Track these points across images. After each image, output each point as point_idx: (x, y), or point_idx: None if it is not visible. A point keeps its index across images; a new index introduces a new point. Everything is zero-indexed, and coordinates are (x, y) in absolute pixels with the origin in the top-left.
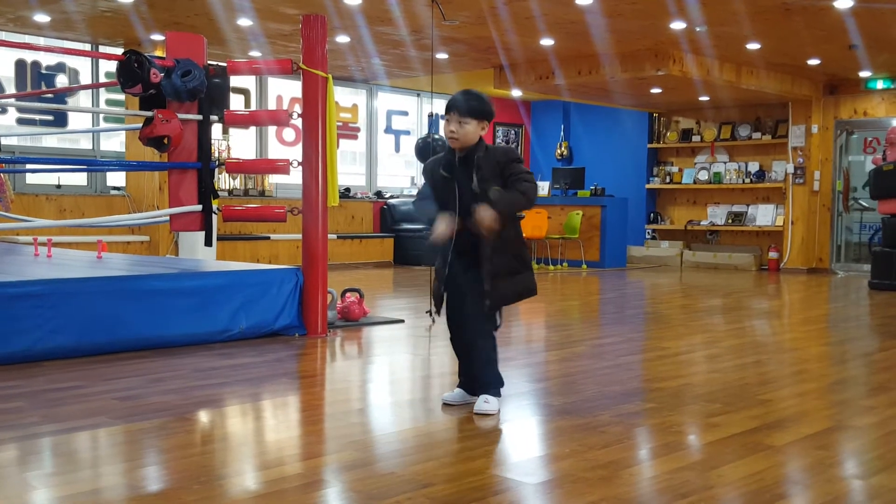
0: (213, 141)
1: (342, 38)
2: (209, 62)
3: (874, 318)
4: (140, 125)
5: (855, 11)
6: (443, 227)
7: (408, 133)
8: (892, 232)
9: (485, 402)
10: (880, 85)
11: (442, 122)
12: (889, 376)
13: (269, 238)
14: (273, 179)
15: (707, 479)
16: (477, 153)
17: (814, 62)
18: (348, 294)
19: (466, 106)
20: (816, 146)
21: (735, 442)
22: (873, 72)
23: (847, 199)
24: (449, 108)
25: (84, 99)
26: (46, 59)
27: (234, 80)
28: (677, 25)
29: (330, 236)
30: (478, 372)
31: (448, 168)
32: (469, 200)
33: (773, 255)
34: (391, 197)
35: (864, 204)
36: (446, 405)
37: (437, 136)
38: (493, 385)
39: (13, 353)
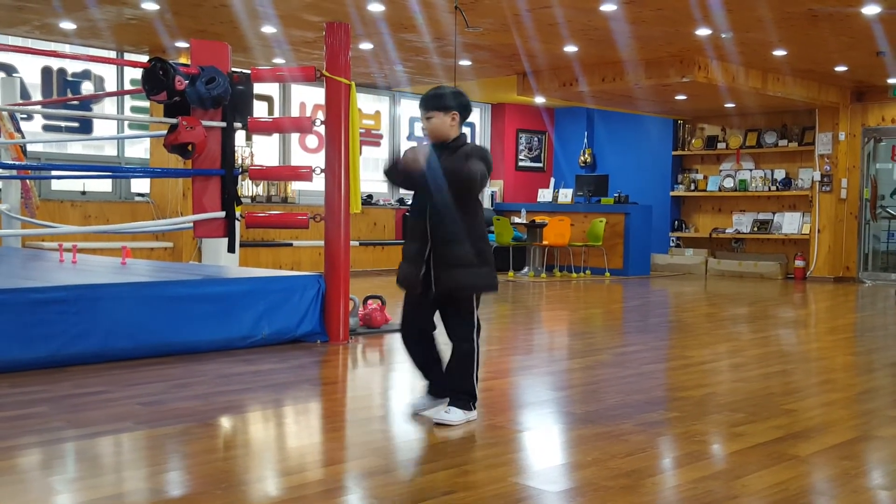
0: (236, 148)
1: (365, 46)
2: (233, 69)
3: None
4: (164, 132)
5: (882, 18)
6: (416, 154)
7: None
8: None
9: (445, 413)
10: None
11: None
12: None
13: (291, 245)
14: (296, 186)
15: (731, 488)
16: (454, 143)
17: (841, 69)
18: (370, 301)
19: (428, 101)
20: (843, 154)
21: (759, 452)
22: None
23: (875, 207)
24: (419, 108)
25: (109, 106)
26: (72, 67)
27: (258, 88)
28: (702, 32)
29: (352, 243)
30: (449, 377)
31: (430, 156)
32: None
33: (799, 263)
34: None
35: (891, 212)
36: (417, 414)
37: None
38: (462, 394)
39: (38, 358)
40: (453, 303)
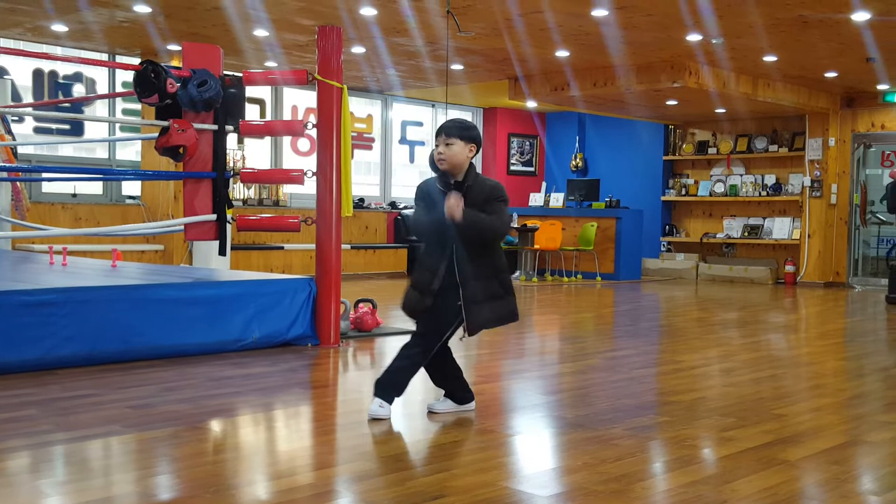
0: (228, 151)
1: (357, 49)
2: (225, 72)
3: (891, 333)
4: (156, 135)
5: (872, 24)
6: (454, 198)
7: (422, 144)
8: None
9: (380, 407)
10: None
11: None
12: None
13: (282, 248)
14: (287, 189)
15: (721, 493)
16: (468, 181)
17: (831, 75)
18: (361, 304)
19: (451, 128)
20: (833, 159)
21: (749, 456)
22: (891, 85)
23: (864, 213)
24: (437, 134)
25: (100, 108)
26: (64, 69)
27: (250, 91)
28: (693, 37)
29: (343, 246)
30: (388, 369)
31: (445, 187)
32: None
33: (789, 268)
34: (405, 208)
35: (881, 217)
36: (432, 413)
37: None
38: (387, 390)
39: (27, 360)
40: (433, 316)
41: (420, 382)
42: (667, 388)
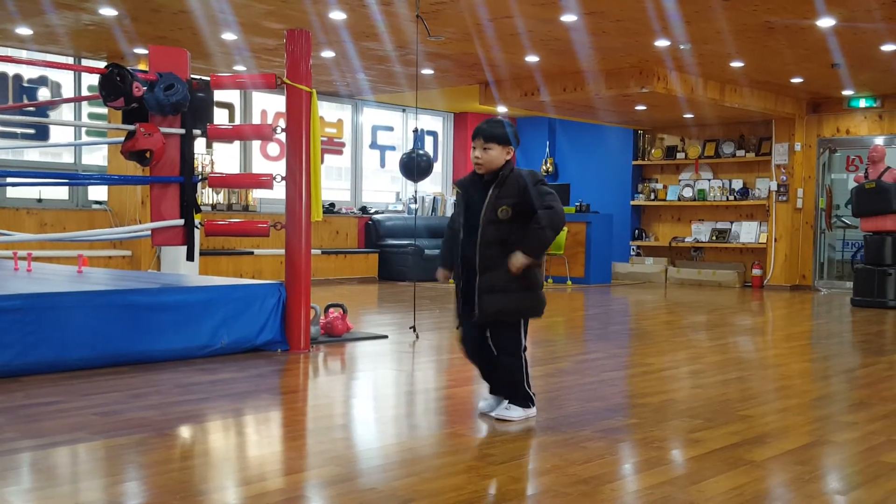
0: (196, 155)
1: (327, 53)
2: (192, 76)
3: (856, 335)
4: (122, 139)
5: (837, 30)
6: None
7: (393, 149)
8: (874, 249)
9: (505, 409)
10: (863, 103)
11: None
12: (870, 392)
13: (252, 253)
14: (257, 194)
15: (688, 493)
16: (502, 172)
17: (797, 80)
18: (332, 309)
19: (489, 132)
20: (799, 164)
21: (716, 457)
22: (855, 90)
23: (830, 217)
24: (474, 136)
25: (66, 112)
26: (28, 73)
27: (219, 95)
28: (661, 43)
29: (314, 251)
30: (504, 389)
31: (475, 185)
32: (489, 215)
33: (756, 272)
34: (376, 212)
35: (846, 221)
36: (483, 415)
37: (421, 153)
38: (519, 398)
39: None
40: (502, 324)
41: (391, 386)
42: (636, 391)
